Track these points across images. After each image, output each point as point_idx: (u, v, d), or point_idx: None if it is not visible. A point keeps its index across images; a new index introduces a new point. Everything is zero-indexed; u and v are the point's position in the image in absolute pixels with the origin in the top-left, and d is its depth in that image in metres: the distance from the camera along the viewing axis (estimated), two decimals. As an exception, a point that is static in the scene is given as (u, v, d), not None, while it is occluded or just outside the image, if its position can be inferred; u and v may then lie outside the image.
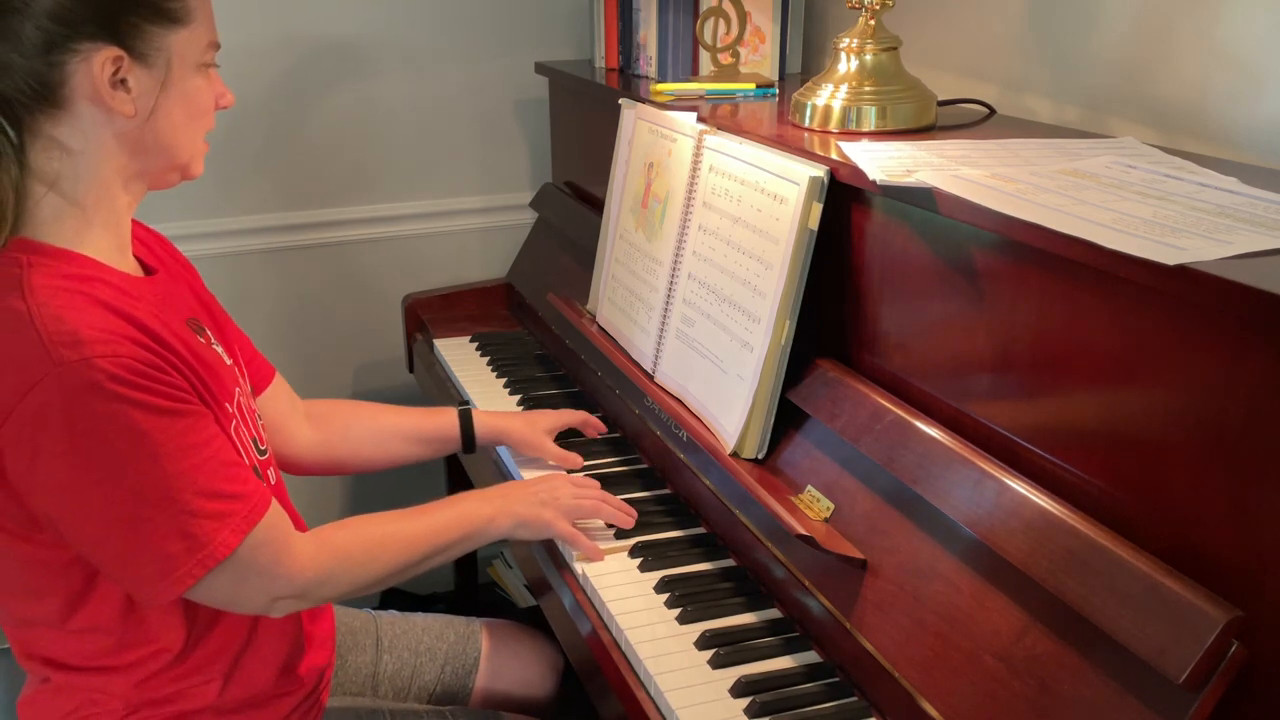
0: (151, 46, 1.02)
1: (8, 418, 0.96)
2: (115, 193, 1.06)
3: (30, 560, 1.05)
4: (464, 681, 1.48)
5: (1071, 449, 0.97)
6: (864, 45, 1.36)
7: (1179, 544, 0.86)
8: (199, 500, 1.01)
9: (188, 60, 1.06)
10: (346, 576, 1.15)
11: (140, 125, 1.04)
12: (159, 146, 1.06)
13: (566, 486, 1.36)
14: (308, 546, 1.11)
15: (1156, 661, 0.80)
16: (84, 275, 1.01)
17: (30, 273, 0.99)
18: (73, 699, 1.13)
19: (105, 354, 0.95)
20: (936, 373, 1.13)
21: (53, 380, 0.94)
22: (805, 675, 1.12)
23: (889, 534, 1.09)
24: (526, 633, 1.56)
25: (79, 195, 1.03)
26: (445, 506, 1.27)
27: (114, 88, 1.01)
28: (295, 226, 2.20)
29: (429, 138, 2.26)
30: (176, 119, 1.06)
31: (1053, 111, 1.50)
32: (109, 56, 0.99)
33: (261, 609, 1.11)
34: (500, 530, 1.29)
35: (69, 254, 1.02)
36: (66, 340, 0.95)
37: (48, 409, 0.95)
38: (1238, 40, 1.23)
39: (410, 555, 1.20)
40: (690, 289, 1.42)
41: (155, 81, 1.03)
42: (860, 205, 1.21)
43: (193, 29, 1.05)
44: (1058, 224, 0.91)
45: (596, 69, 2.08)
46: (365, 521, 1.20)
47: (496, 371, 1.90)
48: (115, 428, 0.96)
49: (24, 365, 0.95)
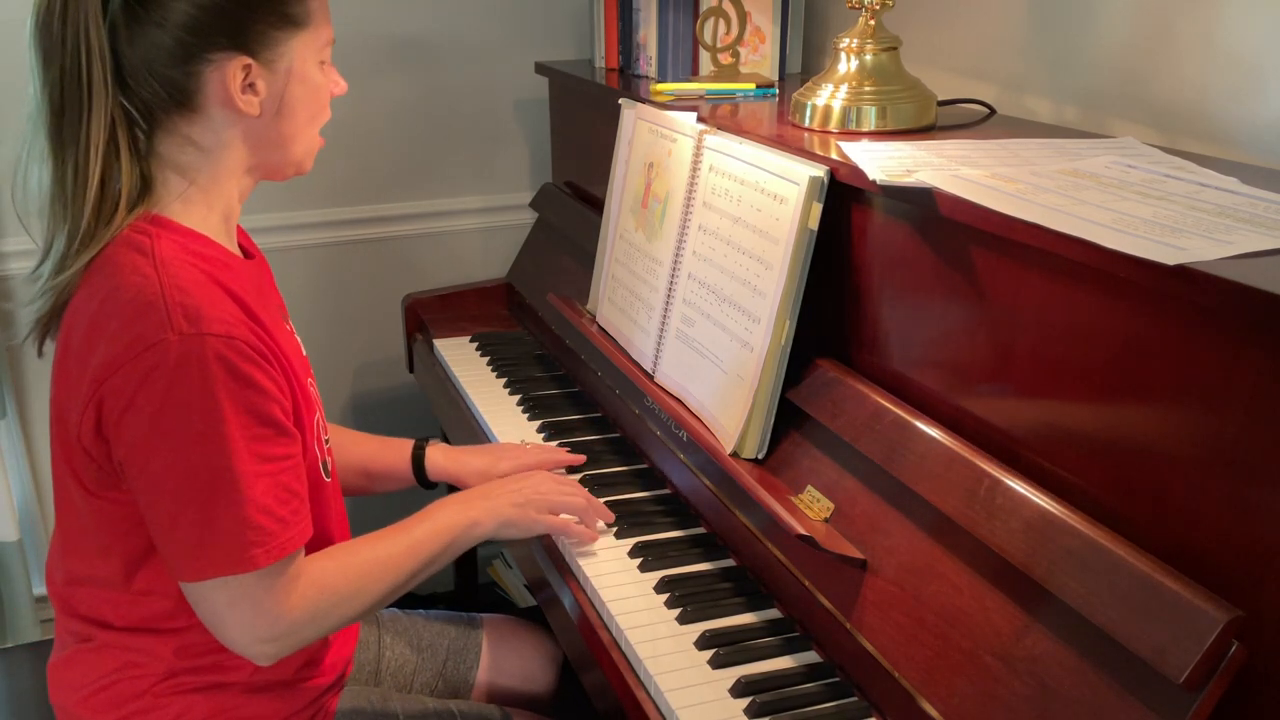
0: (276, 51, 1.09)
1: (117, 371, 1.01)
2: (234, 182, 1.14)
3: (103, 516, 1.10)
4: (465, 676, 1.48)
5: (1071, 449, 0.97)
6: (864, 45, 1.36)
7: (1179, 544, 0.86)
8: (249, 509, 1.03)
9: (309, 59, 1.13)
10: (334, 613, 1.14)
11: (266, 124, 1.12)
12: (281, 141, 1.14)
13: (548, 482, 1.35)
14: (300, 584, 1.10)
15: (1156, 661, 0.80)
16: (204, 253, 1.09)
17: (158, 243, 1.06)
18: (115, 659, 1.15)
19: (220, 333, 1.02)
20: (936, 373, 1.13)
21: (169, 346, 1.00)
22: (805, 675, 1.12)
23: (889, 534, 1.09)
24: (526, 627, 1.57)
25: (204, 182, 1.12)
26: (426, 518, 1.25)
27: (243, 92, 1.08)
28: (295, 226, 2.20)
29: (429, 138, 2.26)
30: (299, 116, 1.14)
31: (1053, 111, 1.50)
32: (240, 64, 1.07)
33: (242, 649, 1.09)
34: (485, 532, 1.28)
35: (191, 232, 1.10)
36: (189, 312, 1.01)
37: (156, 370, 1.00)
38: (1238, 40, 1.23)
39: (397, 577, 1.19)
40: (690, 289, 1.42)
41: (280, 83, 1.11)
42: (860, 205, 1.21)
43: (313, 29, 1.12)
44: (1058, 224, 0.91)
45: (596, 69, 2.08)
46: (349, 550, 1.19)
47: (496, 371, 1.90)
48: (203, 407, 1.01)
49: (145, 325, 1.01)
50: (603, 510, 1.37)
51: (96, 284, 1.05)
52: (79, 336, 1.06)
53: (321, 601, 1.12)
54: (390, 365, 2.35)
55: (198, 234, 1.10)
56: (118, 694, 1.15)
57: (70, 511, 1.14)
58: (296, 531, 1.08)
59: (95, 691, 1.15)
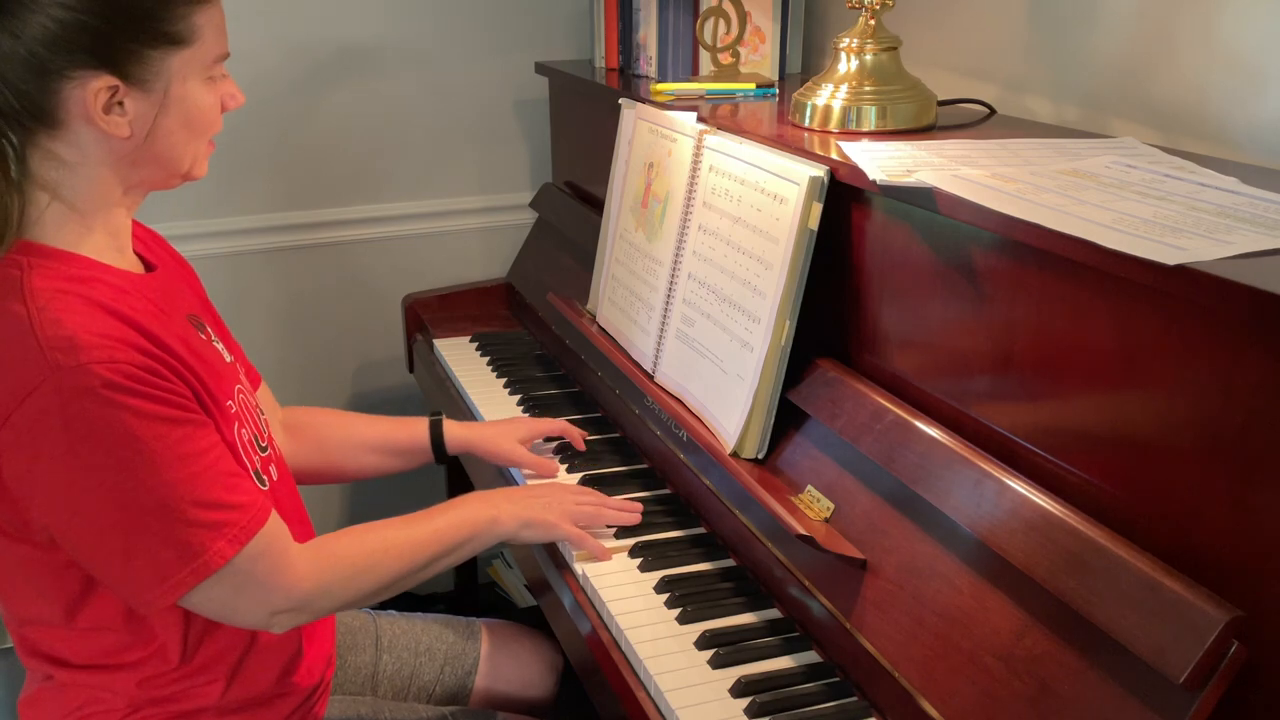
0: (150, 71, 1.01)
1: (5, 422, 0.96)
2: (115, 199, 1.07)
3: (28, 561, 1.05)
4: (464, 682, 1.47)
5: (1071, 449, 0.97)
6: (864, 45, 1.36)
7: (1179, 544, 0.86)
8: (195, 510, 1.00)
9: (191, 78, 1.04)
10: (348, 587, 1.13)
11: (138, 144, 1.03)
12: (158, 160, 1.06)
13: (568, 494, 1.36)
14: (306, 556, 1.10)
15: (1156, 661, 0.80)
16: (84, 276, 1.02)
17: (30, 275, 0.99)
18: (76, 697, 1.13)
19: (102, 359, 0.95)
20: (936, 372, 1.13)
21: (50, 385, 0.94)
22: (805, 675, 1.12)
23: (889, 534, 1.09)
24: (526, 633, 1.56)
25: (79, 202, 1.04)
26: (448, 510, 1.25)
27: (108, 112, 1.00)
28: (295, 226, 2.20)
29: (429, 138, 2.26)
30: (176, 135, 1.05)
31: (1053, 111, 1.50)
32: (103, 85, 0.98)
33: (260, 623, 1.09)
34: (505, 531, 1.27)
35: (69, 255, 1.03)
36: (63, 345, 0.95)
37: (45, 414, 0.95)
38: (1238, 40, 1.23)
39: (413, 561, 1.18)
40: (690, 289, 1.42)
41: (154, 104, 1.02)
42: (860, 205, 1.21)
43: (197, 47, 1.03)
44: (1058, 224, 0.91)
45: (596, 69, 2.08)
46: (366, 530, 1.18)
47: (496, 371, 1.90)
48: (111, 434, 0.96)
49: (22, 370, 0.95)
50: (626, 505, 1.37)
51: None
52: None
53: (333, 574, 1.11)
54: (390, 365, 2.35)
55: (75, 256, 1.03)
56: None
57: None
58: (254, 509, 1.05)
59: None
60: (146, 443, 0.97)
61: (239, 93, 1.12)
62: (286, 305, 2.22)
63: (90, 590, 1.07)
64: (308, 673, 1.23)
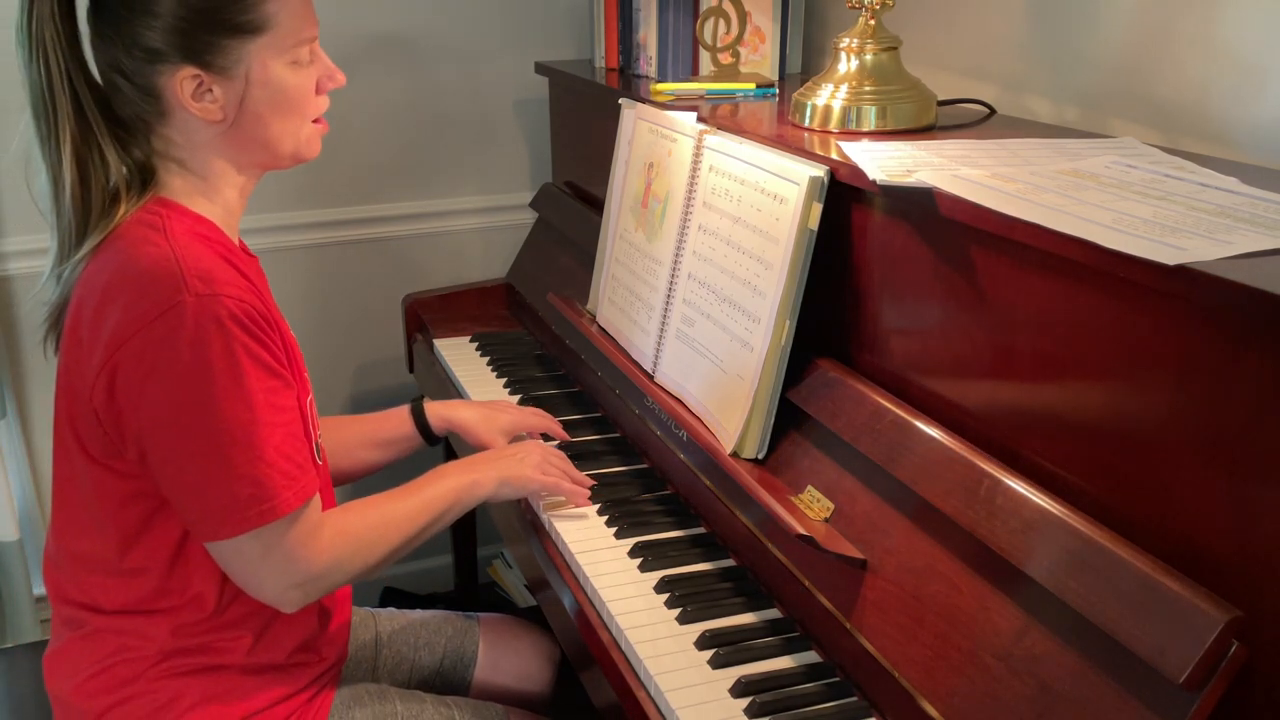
0: (230, 59, 1.10)
1: (134, 335, 1.04)
2: (230, 177, 1.17)
3: (101, 487, 1.12)
4: (462, 674, 1.49)
5: (1071, 448, 0.97)
6: (864, 45, 1.36)
7: (1179, 544, 0.86)
8: (276, 456, 1.08)
9: (273, 62, 1.12)
10: (355, 560, 1.19)
11: (236, 127, 1.13)
12: (256, 141, 1.15)
13: (537, 451, 1.43)
14: (326, 532, 1.16)
15: (1156, 661, 0.80)
16: (211, 236, 1.13)
17: (169, 221, 1.10)
18: (107, 644, 1.16)
19: (233, 295, 1.06)
20: (936, 373, 1.13)
21: (186, 308, 1.03)
22: (805, 675, 1.12)
23: (889, 534, 1.09)
24: (523, 626, 1.58)
25: (198, 178, 1.16)
26: (434, 480, 1.32)
27: (198, 99, 1.11)
28: (295, 226, 2.20)
29: (429, 137, 2.26)
30: (266, 118, 1.14)
31: (1053, 111, 1.50)
32: (187, 75, 1.09)
33: (273, 596, 1.14)
34: (485, 491, 1.34)
35: (199, 216, 1.14)
36: (203, 275, 1.05)
37: (174, 331, 1.03)
38: (1238, 40, 1.23)
39: (409, 532, 1.25)
40: (690, 289, 1.42)
41: (238, 89, 1.12)
42: (860, 205, 1.21)
43: (274, 33, 1.12)
44: (1058, 224, 0.91)
45: (596, 69, 2.08)
46: (366, 505, 1.24)
47: (496, 371, 1.90)
48: (225, 363, 1.05)
49: (161, 291, 1.04)
50: (583, 480, 1.45)
51: (106, 258, 1.09)
52: (91, 305, 1.08)
53: (344, 548, 1.17)
54: (390, 365, 2.35)
55: (205, 219, 1.15)
56: (112, 678, 1.16)
57: (69, 484, 1.16)
58: (311, 476, 1.13)
59: (90, 677, 1.16)
60: (250, 380, 1.06)
61: (338, 72, 1.21)
62: (286, 305, 2.20)
63: (145, 529, 1.13)
64: (328, 644, 1.28)
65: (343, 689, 1.31)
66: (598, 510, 1.42)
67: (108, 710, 1.16)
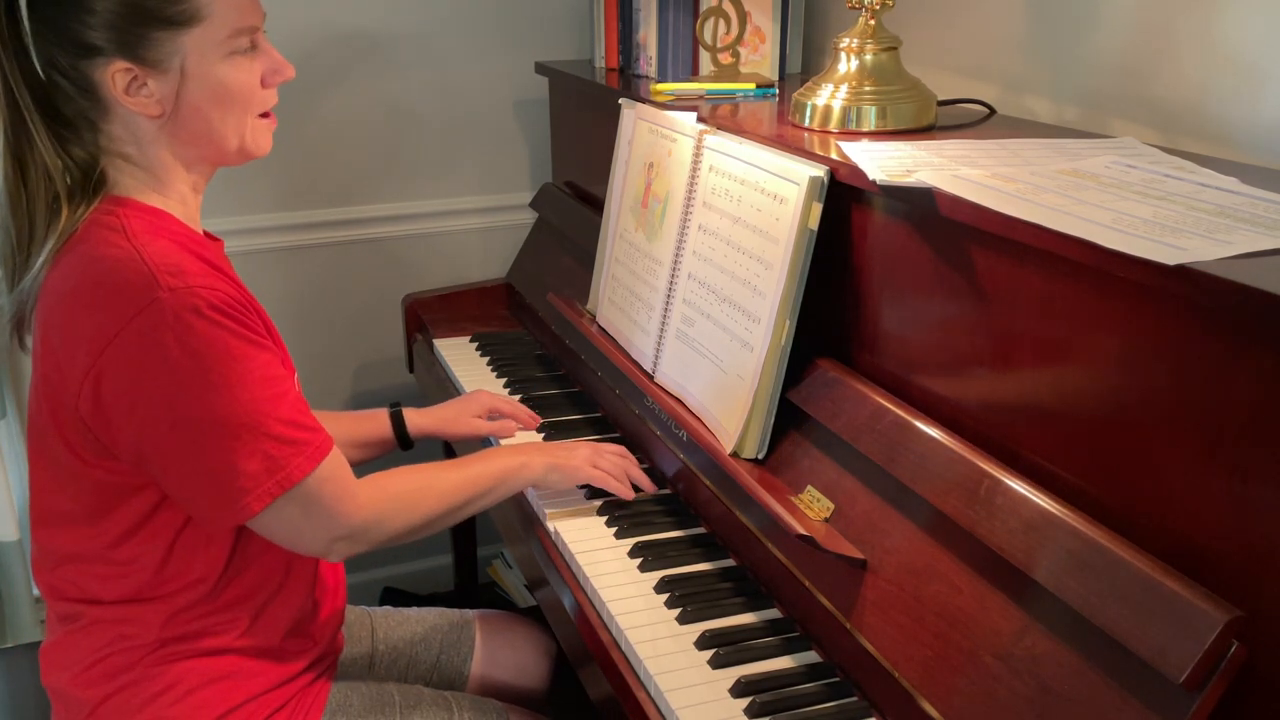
0: (163, 52, 1.08)
1: (115, 338, 1.03)
2: (179, 172, 1.16)
3: (99, 489, 1.12)
4: (460, 669, 1.49)
5: (1071, 448, 0.97)
6: (864, 45, 1.36)
7: (1179, 544, 0.86)
8: (279, 426, 1.09)
9: (208, 55, 1.10)
10: (398, 519, 1.21)
11: (172, 121, 1.11)
12: (199, 137, 1.13)
13: (587, 445, 1.44)
14: (365, 487, 1.18)
15: (1156, 661, 0.80)
16: (172, 229, 1.12)
17: (128, 221, 1.09)
18: (103, 635, 1.16)
19: (205, 285, 1.05)
20: (936, 372, 1.13)
21: (163, 303, 1.03)
22: (805, 675, 1.12)
23: (889, 534, 1.09)
24: (520, 621, 1.58)
25: (149, 169, 1.14)
26: (482, 458, 1.34)
27: (132, 94, 1.09)
28: (295, 226, 2.20)
29: (429, 138, 2.26)
30: (206, 111, 1.12)
31: (1053, 111, 1.50)
32: (119, 69, 1.07)
33: (321, 549, 1.16)
34: (534, 474, 1.36)
35: (156, 210, 1.13)
36: (172, 269, 1.05)
37: (157, 329, 1.03)
38: (1238, 40, 1.23)
39: (453, 501, 1.27)
40: (690, 289, 1.42)
41: (172, 83, 1.10)
42: (860, 205, 1.21)
43: (209, 24, 1.09)
44: (1058, 224, 0.91)
45: (596, 69, 2.08)
46: (411, 470, 1.26)
47: (496, 371, 1.90)
48: (212, 350, 1.05)
49: (133, 290, 1.03)
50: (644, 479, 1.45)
51: (69, 262, 1.08)
52: (60, 313, 1.07)
53: (386, 505, 1.20)
54: (390, 365, 2.35)
55: (162, 211, 1.13)
56: (109, 667, 1.16)
57: (55, 488, 1.15)
58: (322, 435, 1.13)
59: (87, 668, 1.16)
60: (240, 361, 1.06)
61: (287, 66, 1.18)
62: (286, 305, 2.22)
63: (147, 520, 1.13)
64: (320, 629, 1.28)
65: (340, 683, 1.31)
66: (597, 510, 1.42)
67: (106, 699, 1.16)
